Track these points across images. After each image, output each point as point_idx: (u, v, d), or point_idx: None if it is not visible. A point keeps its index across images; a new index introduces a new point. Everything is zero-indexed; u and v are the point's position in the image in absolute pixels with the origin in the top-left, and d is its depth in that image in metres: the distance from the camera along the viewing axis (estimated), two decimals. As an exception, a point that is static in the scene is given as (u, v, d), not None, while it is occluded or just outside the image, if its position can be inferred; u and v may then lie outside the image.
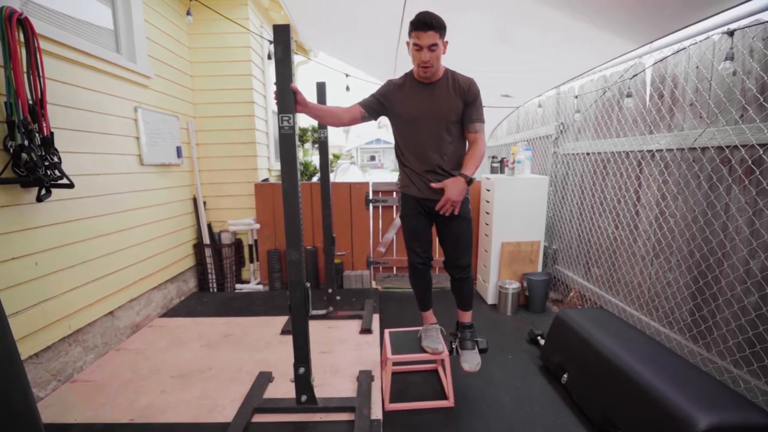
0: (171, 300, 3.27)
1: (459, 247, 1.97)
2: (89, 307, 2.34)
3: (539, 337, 2.66)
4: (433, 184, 1.85)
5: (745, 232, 1.71)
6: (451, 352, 2.09)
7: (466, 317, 2.12)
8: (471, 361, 2.00)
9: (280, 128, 1.69)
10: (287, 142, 1.69)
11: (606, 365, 1.83)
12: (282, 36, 1.64)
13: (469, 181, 1.78)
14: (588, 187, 3.00)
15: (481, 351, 2.10)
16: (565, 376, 2.16)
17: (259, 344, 2.60)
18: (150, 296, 2.98)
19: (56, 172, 1.97)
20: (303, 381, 1.85)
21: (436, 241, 2.12)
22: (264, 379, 2.15)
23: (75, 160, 2.23)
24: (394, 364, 2.09)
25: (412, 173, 1.92)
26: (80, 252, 2.28)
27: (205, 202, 3.69)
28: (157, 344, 2.60)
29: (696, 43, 1.95)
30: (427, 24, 1.64)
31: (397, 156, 2.01)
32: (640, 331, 2.06)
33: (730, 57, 1.69)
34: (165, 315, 3.09)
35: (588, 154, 2.97)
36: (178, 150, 3.32)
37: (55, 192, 2.01)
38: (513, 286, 3.21)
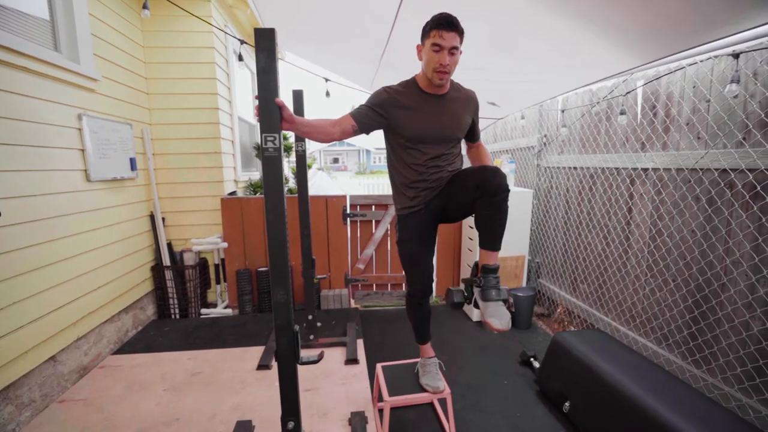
0: (126, 332, 2.88)
1: (476, 168, 1.56)
2: (24, 356, 1.96)
3: (532, 359, 2.57)
4: None
5: (755, 259, 1.68)
6: (460, 305, 1.64)
7: (493, 258, 1.55)
8: (500, 316, 1.48)
9: (264, 150, 1.45)
10: (272, 167, 1.45)
11: (614, 396, 1.74)
12: (266, 42, 1.40)
13: None
14: (574, 201, 2.96)
15: (504, 302, 1.62)
16: (566, 404, 2.06)
17: (233, 384, 2.31)
18: (101, 331, 2.59)
19: (-23, 198, 1.61)
20: (292, 437, 1.62)
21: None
22: (243, 430, 1.88)
23: (3, 180, 1.85)
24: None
25: (412, 192, 1.72)
26: (10, 291, 1.89)
27: (164, 219, 3.31)
28: (111, 391, 2.24)
29: (695, 63, 1.92)
30: (452, 23, 1.46)
31: (393, 176, 1.79)
32: (644, 357, 2.00)
33: (736, 80, 1.65)
34: (119, 351, 2.70)
35: (574, 168, 2.93)
36: (132, 162, 2.93)
37: (-23, 222, 1.64)
38: (499, 302, 3.12)
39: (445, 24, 1.46)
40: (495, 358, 2.70)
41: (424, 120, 1.62)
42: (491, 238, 1.52)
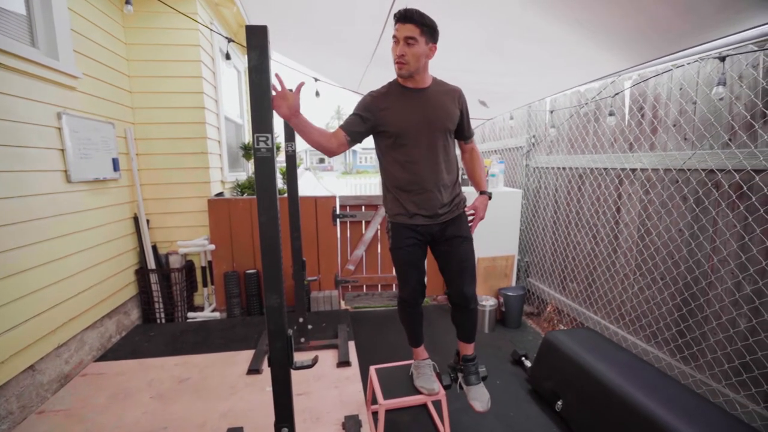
0: (109, 338, 2.79)
1: (464, 273, 1.75)
2: (0, 367, 1.87)
3: (523, 358, 2.59)
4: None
5: (741, 258, 1.72)
6: (448, 387, 1.90)
7: (470, 349, 1.90)
8: (482, 398, 1.80)
9: (256, 150, 1.41)
10: (265, 168, 1.41)
11: (606, 394, 1.76)
12: (258, 40, 1.36)
13: (489, 196, 1.85)
14: (563, 201, 2.99)
15: (483, 379, 1.92)
16: (559, 403, 2.08)
17: (222, 389, 2.26)
18: (83, 338, 2.50)
19: (-50, 201, 1.53)
20: (286, 444, 1.58)
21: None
22: (234, 437, 1.84)
23: (-23, 182, 1.77)
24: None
25: (407, 197, 1.70)
26: (-14, 298, 1.81)
27: (148, 221, 3.21)
28: (94, 400, 2.16)
29: (682, 65, 1.95)
30: (406, 16, 1.51)
31: (385, 178, 1.78)
32: (634, 355, 2.03)
33: (723, 82, 1.68)
34: (103, 358, 2.61)
35: (563, 168, 2.96)
36: (115, 162, 2.84)
37: (-51, 226, 1.56)
38: (490, 302, 3.13)
39: (400, 17, 1.52)
40: (487, 358, 2.71)
41: (407, 112, 1.63)
42: (466, 334, 1.88)
